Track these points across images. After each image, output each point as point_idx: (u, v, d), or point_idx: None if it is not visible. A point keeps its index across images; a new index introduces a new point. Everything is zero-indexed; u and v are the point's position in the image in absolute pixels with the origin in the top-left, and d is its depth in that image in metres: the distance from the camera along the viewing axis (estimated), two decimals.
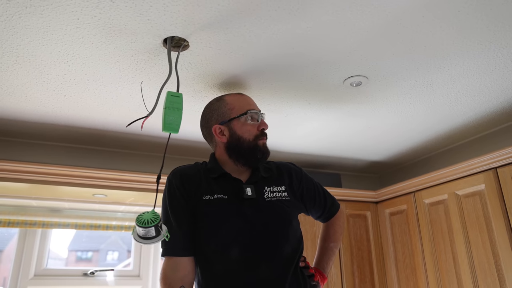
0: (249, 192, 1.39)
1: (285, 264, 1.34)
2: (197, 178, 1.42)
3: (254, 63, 1.59)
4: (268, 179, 1.48)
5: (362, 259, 2.68)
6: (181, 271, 1.31)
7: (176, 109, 1.32)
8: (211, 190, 1.39)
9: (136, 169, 2.52)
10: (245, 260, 1.32)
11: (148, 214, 1.21)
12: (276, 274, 1.32)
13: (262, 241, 1.35)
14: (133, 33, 1.37)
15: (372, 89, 1.83)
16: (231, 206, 1.37)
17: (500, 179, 2.03)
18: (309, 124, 2.21)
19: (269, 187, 1.45)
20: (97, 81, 1.69)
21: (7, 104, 1.88)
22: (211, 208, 1.36)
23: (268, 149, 1.47)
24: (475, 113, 2.13)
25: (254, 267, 1.31)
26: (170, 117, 1.31)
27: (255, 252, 1.33)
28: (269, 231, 1.37)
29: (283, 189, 1.46)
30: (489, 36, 1.46)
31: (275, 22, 1.34)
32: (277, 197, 1.43)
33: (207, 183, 1.41)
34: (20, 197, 2.36)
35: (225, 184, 1.41)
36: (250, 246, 1.33)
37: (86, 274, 2.65)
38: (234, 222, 1.35)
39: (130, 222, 2.72)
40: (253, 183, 1.43)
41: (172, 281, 1.29)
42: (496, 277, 1.98)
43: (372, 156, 2.81)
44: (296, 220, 1.46)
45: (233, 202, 1.38)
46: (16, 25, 1.31)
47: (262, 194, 1.42)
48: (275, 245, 1.35)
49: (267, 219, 1.38)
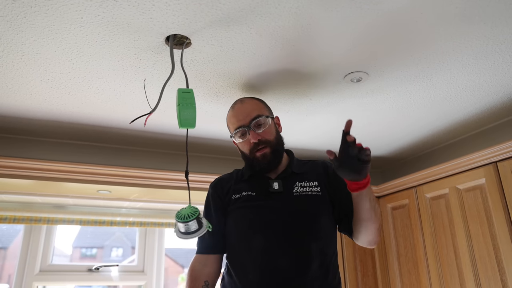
0: (275, 186, 1.45)
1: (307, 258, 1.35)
2: (229, 183, 1.54)
3: (255, 60, 1.61)
4: (301, 175, 1.51)
5: (364, 253, 2.69)
6: (208, 267, 1.45)
7: (189, 104, 1.35)
8: (240, 189, 1.49)
9: (140, 165, 2.54)
10: (267, 251, 1.37)
11: (187, 209, 1.23)
12: (297, 267, 1.34)
13: (285, 233, 1.38)
14: (136, 31, 1.39)
15: (372, 85, 1.85)
16: (258, 200, 1.44)
17: (501, 173, 2.04)
18: (310, 120, 2.22)
19: (301, 182, 1.48)
20: (101, 79, 1.71)
21: (12, 102, 1.90)
22: (239, 204, 1.45)
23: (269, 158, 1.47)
24: (475, 108, 2.14)
25: (275, 258, 1.35)
26: (184, 113, 1.33)
27: (278, 243, 1.37)
28: (294, 224, 1.40)
29: (316, 184, 1.48)
30: (487, 31, 1.47)
31: (276, 19, 1.35)
32: (306, 192, 1.45)
33: (237, 185, 1.52)
34: (25, 193, 2.39)
35: (255, 182, 1.50)
36: (273, 237, 1.38)
37: (91, 269, 2.69)
38: (259, 214, 1.42)
39: (134, 218, 2.75)
40: (282, 178, 1.48)
41: (199, 275, 1.42)
42: (496, 269, 2.00)
43: (374, 151, 2.82)
44: (326, 216, 1.45)
45: (260, 196, 1.45)
46: (21, 24, 1.33)
47: (292, 189, 1.46)
48: (297, 237, 1.38)
49: (293, 212, 1.42)
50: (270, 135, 1.50)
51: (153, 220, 2.80)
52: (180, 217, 1.21)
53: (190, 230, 1.22)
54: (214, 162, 2.75)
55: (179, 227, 1.22)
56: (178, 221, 1.21)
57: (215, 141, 2.49)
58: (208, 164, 2.71)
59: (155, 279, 2.82)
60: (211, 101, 1.94)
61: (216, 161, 2.77)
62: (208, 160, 2.75)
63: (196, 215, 1.21)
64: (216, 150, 2.67)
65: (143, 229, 2.91)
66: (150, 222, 2.79)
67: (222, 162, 2.76)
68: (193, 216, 1.21)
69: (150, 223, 2.79)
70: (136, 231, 2.93)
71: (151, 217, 2.80)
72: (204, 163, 2.72)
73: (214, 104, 1.97)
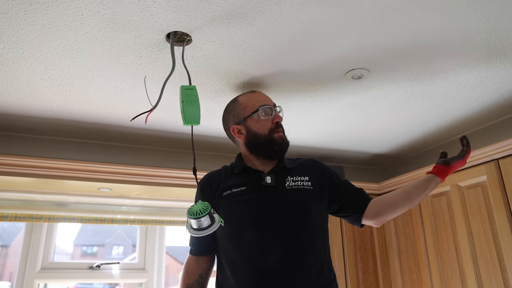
0: (268, 180, 1.47)
1: (300, 251, 1.37)
2: (218, 179, 1.53)
3: (256, 57, 1.61)
4: (292, 170, 1.54)
5: (365, 250, 2.70)
6: (201, 264, 1.51)
7: (193, 101, 1.34)
8: (230, 186, 1.48)
9: (141, 163, 2.54)
10: (259, 244, 1.38)
11: (198, 205, 1.22)
12: (290, 260, 1.35)
13: (277, 226, 1.40)
14: (137, 28, 1.38)
15: (373, 82, 1.84)
16: (249, 194, 1.45)
17: (502, 170, 2.04)
18: (311, 117, 2.22)
19: (292, 176, 1.50)
20: (102, 76, 1.70)
21: (13, 100, 1.90)
22: (230, 200, 1.45)
23: (286, 141, 1.53)
24: (477, 105, 2.14)
25: (267, 251, 1.36)
26: (189, 110, 1.33)
27: (269, 236, 1.38)
28: (285, 217, 1.42)
29: (307, 179, 1.51)
30: (489, 27, 1.46)
31: (277, 16, 1.35)
32: (298, 186, 1.48)
33: (227, 181, 1.50)
34: (26, 191, 2.39)
35: (246, 176, 1.50)
36: (265, 230, 1.39)
37: (92, 267, 2.69)
38: (250, 208, 1.43)
39: (135, 216, 2.75)
40: (274, 172, 1.50)
41: (193, 270, 1.50)
42: (498, 267, 2.00)
43: (375, 148, 2.82)
44: (317, 209, 1.47)
45: (251, 190, 1.45)
46: (21, 22, 1.33)
47: (284, 183, 1.48)
48: (289, 231, 1.39)
49: (284, 205, 1.44)
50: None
51: (154, 218, 2.79)
52: (192, 214, 1.20)
53: (202, 226, 1.21)
54: (215, 160, 2.75)
55: (191, 223, 1.21)
56: (190, 218, 1.20)
57: (216, 138, 2.49)
58: (209, 162, 2.70)
59: (156, 277, 2.82)
60: (212, 99, 1.94)
61: (217, 158, 2.77)
62: (209, 157, 2.75)
63: (208, 211, 1.20)
64: (216, 147, 2.67)
65: (144, 227, 2.91)
66: (151, 220, 2.79)
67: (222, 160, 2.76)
68: (205, 212, 1.20)
69: (151, 221, 2.79)
70: (137, 229, 2.93)
71: (152, 215, 2.80)
72: (205, 160, 2.71)
73: (214, 101, 1.97)
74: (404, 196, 1.48)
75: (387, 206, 1.49)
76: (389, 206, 1.48)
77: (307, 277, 1.34)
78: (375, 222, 1.51)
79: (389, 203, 1.49)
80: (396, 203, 1.48)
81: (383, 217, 1.49)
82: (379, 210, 1.49)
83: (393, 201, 1.49)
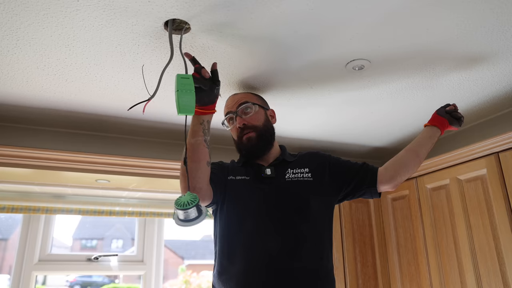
0: (268, 172, 1.53)
1: (298, 241, 1.40)
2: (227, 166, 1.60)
3: (256, 46, 1.58)
4: (292, 163, 1.59)
5: (364, 244, 2.69)
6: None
7: (189, 90, 1.31)
8: (235, 173, 1.54)
9: (139, 154, 2.52)
10: (258, 233, 1.41)
11: (186, 197, 1.21)
12: (289, 250, 1.37)
13: (276, 216, 1.43)
14: (134, 15, 1.36)
15: (374, 73, 1.82)
16: (251, 184, 1.50)
17: (502, 163, 2.03)
18: (311, 109, 2.20)
19: (292, 169, 1.55)
20: (99, 65, 1.68)
21: (8, 89, 1.88)
22: (234, 185, 1.50)
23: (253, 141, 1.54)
24: (477, 98, 2.12)
25: (266, 240, 1.39)
26: (183, 99, 1.30)
27: (268, 226, 1.42)
28: (285, 207, 1.45)
29: (307, 170, 1.55)
30: (493, 19, 1.44)
31: (277, 3, 1.32)
32: (298, 177, 1.52)
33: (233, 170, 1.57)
34: (23, 183, 2.37)
35: (249, 168, 1.57)
36: (264, 220, 1.43)
37: (90, 259, 2.68)
38: (251, 198, 1.47)
39: (133, 208, 2.74)
40: (274, 165, 1.56)
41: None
42: (496, 260, 1.99)
43: (375, 141, 2.81)
44: (318, 201, 1.50)
45: (253, 180, 1.51)
46: (15, 7, 1.31)
47: (284, 175, 1.53)
48: (288, 221, 1.42)
49: (284, 196, 1.47)
50: (256, 121, 1.58)
51: (152, 210, 2.78)
52: (179, 204, 1.19)
53: (189, 218, 1.20)
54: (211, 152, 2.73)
55: (178, 214, 1.21)
56: (178, 208, 1.19)
57: (213, 130, 2.47)
58: None
59: (155, 269, 2.82)
60: None
61: (214, 151, 2.75)
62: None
63: (196, 203, 1.19)
64: (213, 139, 2.65)
65: (142, 219, 2.90)
66: (149, 212, 2.78)
67: (219, 152, 2.74)
68: (192, 204, 1.19)
69: (149, 213, 2.78)
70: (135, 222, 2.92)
71: (150, 207, 2.79)
72: None
73: None
74: (412, 156, 1.58)
75: (400, 168, 1.56)
76: (401, 168, 1.56)
77: (304, 266, 1.36)
78: (391, 186, 1.57)
79: (401, 165, 1.57)
80: (407, 164, 1.57)
81: (397, 179, 1.56)
82: (392, 174, 1.56)
83: (403, 163, 1.57)
